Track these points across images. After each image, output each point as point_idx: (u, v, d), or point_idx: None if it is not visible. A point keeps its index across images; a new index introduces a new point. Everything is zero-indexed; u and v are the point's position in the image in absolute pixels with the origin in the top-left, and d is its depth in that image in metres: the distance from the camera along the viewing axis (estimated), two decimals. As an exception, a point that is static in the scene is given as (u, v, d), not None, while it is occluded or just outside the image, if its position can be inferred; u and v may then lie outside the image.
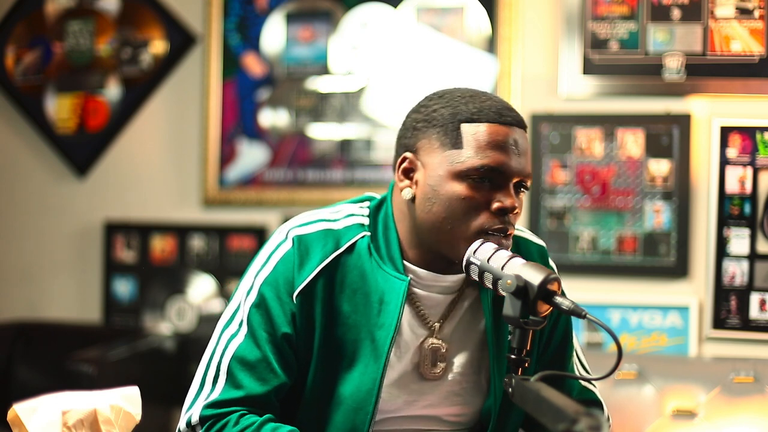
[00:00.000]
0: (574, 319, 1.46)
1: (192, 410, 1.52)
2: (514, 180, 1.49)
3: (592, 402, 1.66)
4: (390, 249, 1.55)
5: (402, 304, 1.52)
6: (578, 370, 1.68)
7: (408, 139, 1.54)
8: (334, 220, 1.58)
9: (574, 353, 1.68)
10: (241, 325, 1.54)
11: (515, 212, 1.49)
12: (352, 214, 1.60)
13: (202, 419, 1.50)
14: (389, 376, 1.55)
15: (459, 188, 1.47)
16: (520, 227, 1.70)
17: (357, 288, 1.53)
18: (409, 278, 1.53)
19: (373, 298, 1.53)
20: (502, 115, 1.49)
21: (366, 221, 1.59)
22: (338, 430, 1.54)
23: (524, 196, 1.54)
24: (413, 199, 1.52)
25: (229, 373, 1.51)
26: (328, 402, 1.55)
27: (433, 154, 1.50)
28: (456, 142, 1.48)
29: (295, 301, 1.52)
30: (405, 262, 1.55)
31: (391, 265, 1.54)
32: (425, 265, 1.55)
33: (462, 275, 1.57)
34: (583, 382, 1.67)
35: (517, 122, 1.51)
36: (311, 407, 1.55)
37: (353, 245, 1.55)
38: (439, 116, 1.50)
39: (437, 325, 1.57)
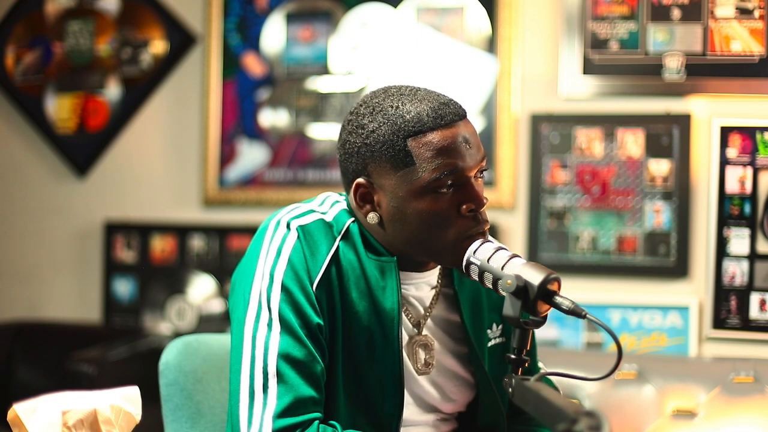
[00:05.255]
0: (574, 319, 1.46)
1: (263, 425, 1.41)
2: (473, 173, 1.47)
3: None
4: (369, 239, 1.55)
5: (397, 284, 1.51)
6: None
7: (355, 165, 1.50)
8: (324, 212, 1.56)
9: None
10: (270, 325, 1.45)
11: (484, 204, 1.48)
12: (337, 201, 1.59)
13: None
14: None
15: (424, 204, 1.45)
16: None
17: (359, 274, 1.51)
18: (395, 257, 1.52)
19: (372, 282, 1.52)
20: (441, 116, 1.45)
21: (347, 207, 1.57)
22: (375, 417, 1.52)
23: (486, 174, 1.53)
24: (380, 222, 1.50)
25: (280, 375, 1.43)
26: (359, 392, 1.52)
27: (386, 177, 1.47)
28: (407, 161, 1.44)
29: (316, 291, 1.48)
30: None
31: (375, 250, 1.53)
32: (400, 265, 1.54)
33: (436, 270, 1.58)
34: (540, 366, 1.71)
35: (459, 115, 1.47)
36: (343, 396, 1.51)
37: (347, 231, 1.53)
38: (380, 137, 1.46)
39: (422, 321, 1.57)
